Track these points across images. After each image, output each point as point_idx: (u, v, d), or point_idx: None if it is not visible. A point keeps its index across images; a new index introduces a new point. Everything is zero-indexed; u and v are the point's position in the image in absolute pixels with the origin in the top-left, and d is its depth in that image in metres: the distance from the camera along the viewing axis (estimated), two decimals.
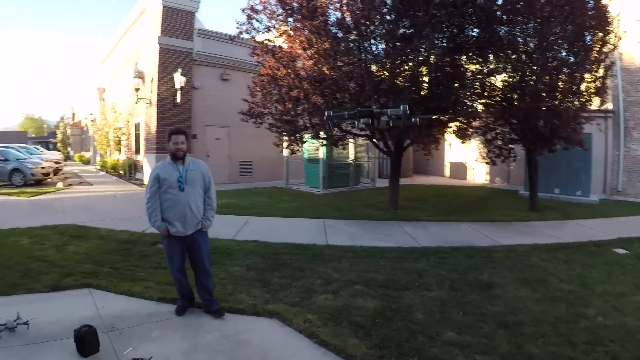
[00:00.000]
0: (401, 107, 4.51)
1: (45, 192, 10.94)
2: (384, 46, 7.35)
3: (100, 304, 3.68)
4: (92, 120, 23.75)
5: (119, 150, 17.35)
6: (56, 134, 42.76)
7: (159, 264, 4.79)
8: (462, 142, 9.47)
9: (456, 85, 7.98)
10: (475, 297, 4.03)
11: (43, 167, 13.47)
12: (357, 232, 6.85)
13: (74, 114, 37.93)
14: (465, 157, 16.24)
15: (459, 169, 17.06)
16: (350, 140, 10.74)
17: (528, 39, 7.78)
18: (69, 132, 38.36)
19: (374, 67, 7.49)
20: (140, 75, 12.99)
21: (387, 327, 3.33)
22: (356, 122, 4.99)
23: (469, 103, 8.54)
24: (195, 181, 3.45)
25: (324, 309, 3.64)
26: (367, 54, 7.49)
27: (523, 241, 6.33)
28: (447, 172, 18.02)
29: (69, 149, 37.31)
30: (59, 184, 12.74)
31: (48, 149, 31.87)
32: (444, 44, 7.67)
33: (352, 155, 13.06)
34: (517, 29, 7.71)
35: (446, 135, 10.09)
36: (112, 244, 5.75)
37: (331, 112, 5.35)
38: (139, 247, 5.61)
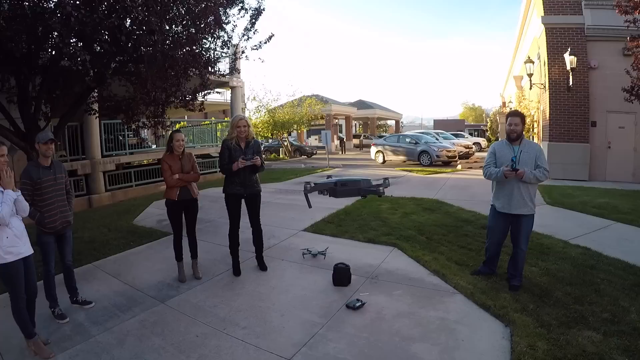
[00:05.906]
0: None
1: (441, 172, 13.16)
2: None
3: (388, 260, 4.59)
4: (509, 109, 24.68)
5: (529, 138, 17.31)
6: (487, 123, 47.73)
7: (465, 245, 4.96)
8: None
9: None
10: None
11: (448, 151, 16.13)
12: None
13: (503, 103, 40.75)
14: None
15: None
16: None
17: None
18: (498, 119, 41.77)
19: None
20: (530, 60, 12.42)
21: None
22: None
23: None
24: (527, 163, 3.53)
25: (560, 347, 2.70)
26: None
27: None
28: None
29: (497, 135, 40.71)
30: (459, 167, 14.84)
31: (479, 136, 36.60)
32: None
33: None
34: None
35: None
36: (449, 220, 6.27)
37: None
38: (467, 227, 5.83)
